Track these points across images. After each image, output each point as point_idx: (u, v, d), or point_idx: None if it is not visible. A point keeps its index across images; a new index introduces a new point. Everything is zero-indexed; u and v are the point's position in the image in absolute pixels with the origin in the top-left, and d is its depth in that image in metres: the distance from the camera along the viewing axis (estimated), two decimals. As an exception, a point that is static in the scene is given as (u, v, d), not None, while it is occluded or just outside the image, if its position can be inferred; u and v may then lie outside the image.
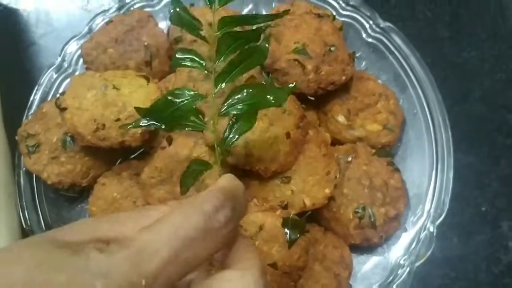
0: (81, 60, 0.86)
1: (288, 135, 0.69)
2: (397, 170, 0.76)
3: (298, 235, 0.64)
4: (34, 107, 0.83)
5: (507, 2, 0.96)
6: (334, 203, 0.73)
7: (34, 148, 0.76)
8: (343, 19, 0.87)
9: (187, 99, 0.54)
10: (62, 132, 0.76)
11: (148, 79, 0.77)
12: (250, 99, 0.53)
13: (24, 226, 0.76)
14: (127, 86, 0.75)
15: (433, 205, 0.76)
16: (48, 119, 0.78)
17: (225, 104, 0.53)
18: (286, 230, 0.64)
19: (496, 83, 0.90)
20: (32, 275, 0.34)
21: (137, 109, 0.54)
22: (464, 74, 0.91)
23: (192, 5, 0.86)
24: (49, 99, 0.84)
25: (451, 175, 0.76)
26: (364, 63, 0.88)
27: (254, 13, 0.91)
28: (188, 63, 0.57)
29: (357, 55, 0.87)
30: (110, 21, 0.85)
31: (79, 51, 0.85)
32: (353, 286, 0.73)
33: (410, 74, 0.84)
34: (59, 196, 0.79)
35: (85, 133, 0.71)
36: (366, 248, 0.75)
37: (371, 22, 0.87)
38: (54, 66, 0.85)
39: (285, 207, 0.69)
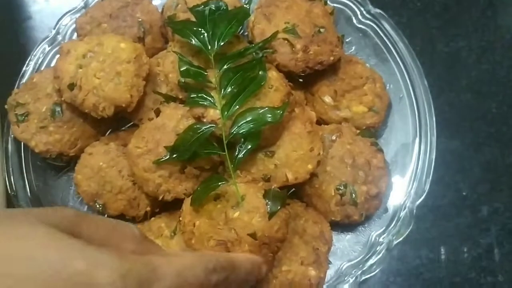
0: (75, 34, 0.87)
1: (273, 109, 0.70)
2: (380, 150, 0.77)
3: (279, 207, 0.65)
4: (26, 78, 0.84)
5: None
6: (316, 180, 0.74)
7: (23, 117, 0.77)
8: (335, 4, 0.89)
9: (201, 132, 0.68)
10: (52, 102, 0.77)
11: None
12: (253, 121, 0.67)
13: (9, 191, 0.77)
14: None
15: (414, 186, 0.77)
16: (38, 89, 0.79)
17: (233, 127, 0.67)
18: (267, 201, 0.65)
19: (482, 73, 0.92)
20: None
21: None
22: (451, 63, 0.92)
23: None
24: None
25: (433, 156, 0.78)
26: (354, 48, 0.89)
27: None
28: (202, 102, 0.69)
29: (347, 40, 0.89)
30: (106, -3, 0.86)
31: (74, 25, 0.87)
32: (332, 261, 0.74)
33: (398, 60, 0.86)
34: (46, 164, 0.81)
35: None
36: (347, 225, 0.76)
37: (362, 8, 0.88)
38: (48, 39, 0.87)
39: (267, 180, 0.70)
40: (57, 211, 0.45)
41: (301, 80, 0.83)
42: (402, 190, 0.78)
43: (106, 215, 0.76)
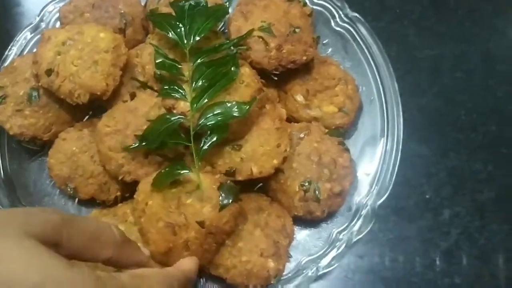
0: (58, 23, 0.89)
1: (242, 104, 0.72)
2: (347, 150, 0.79)
3: (231, 201, 0.67)
4: (7, 63, 0.86)
5: (476, 5, 1.00)
6: (282, 175, 0.76)
7: (1, 100, 0.79)
8: (314, 7, 0.91)
9: (171, 122, 0.70)
10: (29, 87, 0.79)
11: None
12: (220, 115, 0.69)
13: (-17, 172, 0.79)
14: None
15: (377, 186, 0.79)
16: (17, 73, 0.81)
17: (201, 119, 0.69)
18: (221, 193, 0.68)
19: (454, 81, 0.94)
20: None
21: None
22: (425, 70, 0.94)
23: None
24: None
25: (398, 158, 0.80)
26: (330, 49, 0.91)
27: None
28: (174, 94, 0.72)
29: (324, 42, 0.91)
30: (90, -13, 0.88)
31: (58, 14, 0.89)
32: (293, 255, 0.76)
33: (372, 63, 0.88)
34: (21, 147, 0.83)
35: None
36: (309, 221, 0.78)
37: (340, 12, 0.90)
38: (31, 26, 0.88)
39: (233, 172, 0.73)
40: (42, 215, 0.47)
41: (275, 78, 0.85)
42: (366, 189, 0.80)
43: (77, 199, 0.78)
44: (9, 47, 0.87)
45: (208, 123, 0.70)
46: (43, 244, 0.43)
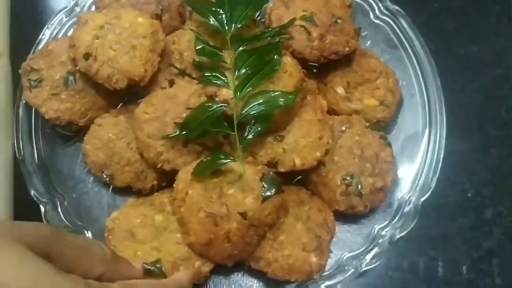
0: (93, 7, 0.87)
1: (285, 94, 0.71)
2: (389, 144, 0.77)
3: (273, 192, 0.66)
4: (41, 46, 0.84)
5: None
6: (323, 168, 0.74)
7: (36, 83, 0.77)
8: (354, -2, 0.89)
9: (213, 110, 0.68)
10: (66, 71, 0.77)
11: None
12: (265, 104, 0.67)
13: (17, 156, 0.77)
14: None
15: (420, 182, 0.77)
16: (53, 57, 0.79)
17: (245, 108, 0.67)
18: (263, 184, 0.66)
19: (494, 77, 0.91)
20: None
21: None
22: (465, 66, 0.92)
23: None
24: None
25: (441, 155, 0.78)
26: (369, 42, 0.89)
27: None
28: (215, 81, 0.70)
29: (363, 34, 0.89)
30: (126, -28, 0.86)
31: (93, -2, 0.87)
32: (334, 251, 0.74)
33: (412, 57, 0.86)
34: (55, 133, 0.81)
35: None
36: (350, 216, 0.76)
37: (380, 4, 0.89)
38: (66, 10, 0.86)
39: (275, 163, 0.71)
40: (34, 228, 0.48)
41: (315, 70, 0.83)
42: (407, 185, 0.78)
43: (112, 186, 0.76)
44: (43, 30, 0.85)
45: (252, 112, 0.68)
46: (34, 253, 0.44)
